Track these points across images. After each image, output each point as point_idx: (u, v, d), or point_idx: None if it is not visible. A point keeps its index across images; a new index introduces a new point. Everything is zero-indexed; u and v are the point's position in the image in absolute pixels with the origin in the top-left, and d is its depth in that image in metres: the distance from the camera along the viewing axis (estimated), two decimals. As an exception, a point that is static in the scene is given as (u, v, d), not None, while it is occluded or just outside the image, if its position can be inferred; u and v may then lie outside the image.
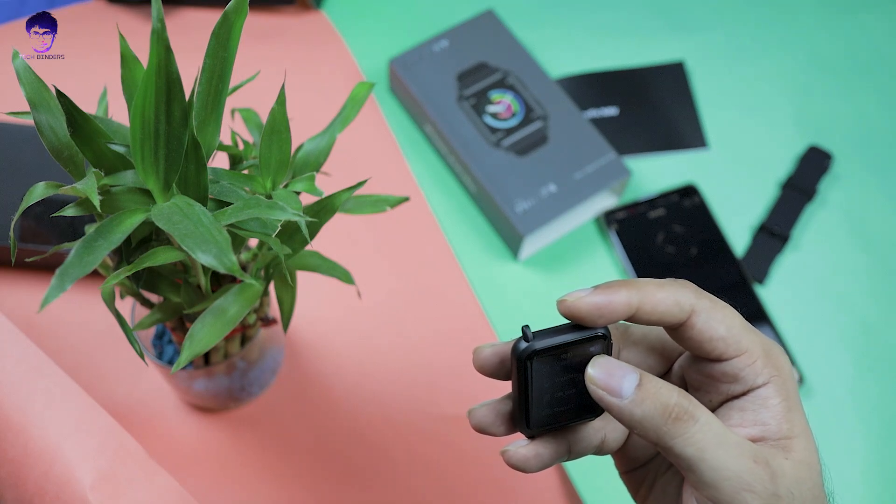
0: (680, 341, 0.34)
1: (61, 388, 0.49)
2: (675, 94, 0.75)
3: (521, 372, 0.35)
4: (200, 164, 0.37)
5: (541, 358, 0.34)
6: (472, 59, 0.72)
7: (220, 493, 0.56)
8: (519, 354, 0.35)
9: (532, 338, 0.34)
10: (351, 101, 0.47)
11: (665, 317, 0.33)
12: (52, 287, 0.33)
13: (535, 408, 0.35)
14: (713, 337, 0.33)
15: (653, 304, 0.33)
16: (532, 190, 0.66)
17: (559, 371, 0.35)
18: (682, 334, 0.34)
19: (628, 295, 0.33)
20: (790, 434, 0.34)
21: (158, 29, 0.33)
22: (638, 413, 0.32)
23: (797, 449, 0.34)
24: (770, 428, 0.33)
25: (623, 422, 0.33)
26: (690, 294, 0.33)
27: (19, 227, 0.59)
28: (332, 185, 0.50)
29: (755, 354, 0.34)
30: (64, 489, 0.45)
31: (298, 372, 0.61)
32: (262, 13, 0.77)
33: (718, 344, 0.33)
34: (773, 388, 0.34)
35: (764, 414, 0.34)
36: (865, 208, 0.71)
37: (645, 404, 0.32)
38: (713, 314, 0.33)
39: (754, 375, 0.34)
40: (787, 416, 0.34)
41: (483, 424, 0.37)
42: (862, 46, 0.79)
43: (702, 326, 0.33)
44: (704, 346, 0.34)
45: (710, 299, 0.34)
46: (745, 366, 0.34)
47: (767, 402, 0.34)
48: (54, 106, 0.38)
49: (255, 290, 0.44)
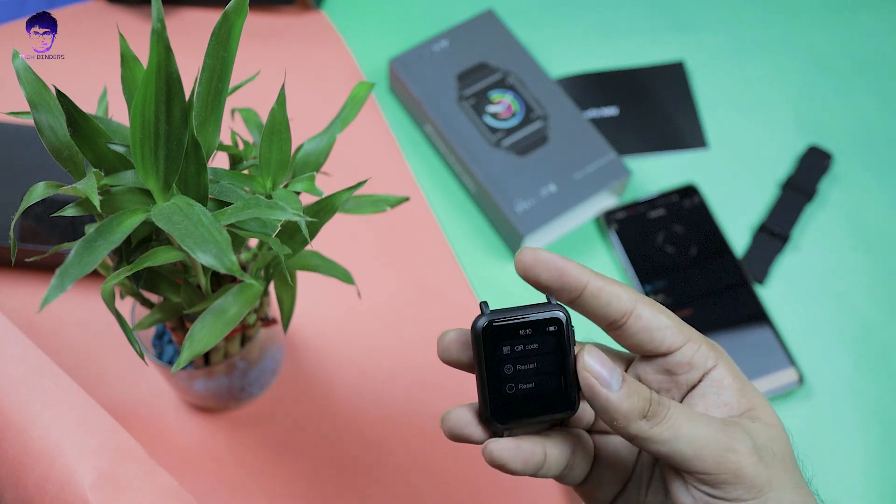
0: (628, 338, 0.36)
1: (61, 388, 0.49)
2: (675, 94, 0.75)
3: (479, 350, 0.35)
4: (200, 164, 0.37)
5: (499, 334, 0.35)
6: (472, 59, 0.72)
7: (220, 493, 0.56)
8: (475, 328, 0.35)
9: (488, 313, 0.35)
10: (351, 101, 0.47)
11: (611, 303, 0.35)
12: (52, 287, 0.33)
13: (498, 394, 0.35)
14: (660, 326, 0.35)
15: (601, 285, 0.35)
16: (532, 190, 0.66)
17: (519, 354, 0.35)
18: (631, 328, 0.36)
19: (581, 268, 0.35)
20: (751, 406, 0.36)
21: (158, 29, 0.33)
22: (625, 406, 0.33)
23: (763, 415, 0.36)
24: (732, 406, 0.36)
25: (607, 412, 0.34)
26: (632, 291, 0.36)
27: (19, 227, 0.59)
28: (332, 185, 0.50)
29: (698, 340, 0.36)
30: (64, 489, 0.45)
31: (298, 372, 0.61)
32: (262, 13, 0.77)
33: (667, 333, 0.35)
34: (723, 368, 0.36)
35: (723, 395, 0.36)
36: (865, 208, 0.71)
37: (631, 398, 0.34)
38: (654, 306, 0.36)
39: (704, 358, 0.36)
40: (743, 392, 0.36)
41: (458, 427, 0.37)
42: (862, 46, 0.79)
43: (648, 315, 0.35)
44: (654, 336, 0.35)
45: (649, 299, 0.36)
46: (693, 352, 0.36)
47: (723, 382, 0.36)
48: (54, 106, 0.38)
49: (255, 290, 0.44)
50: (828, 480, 0.59)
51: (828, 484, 0.59)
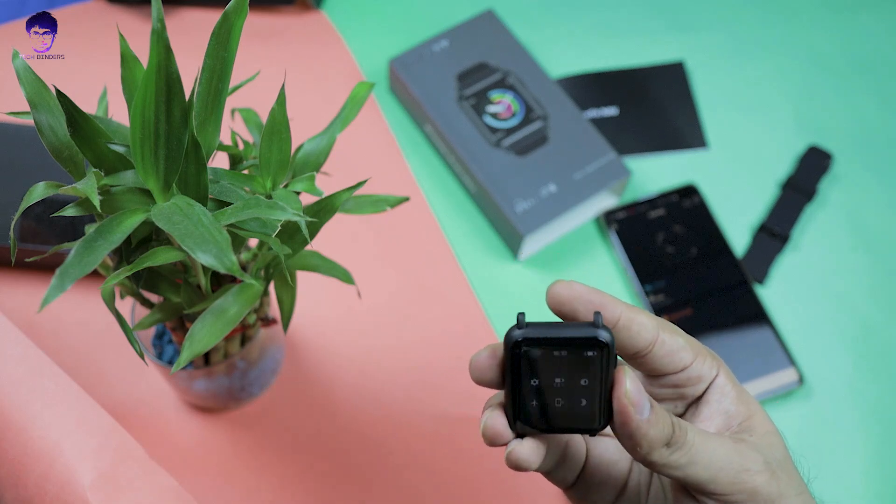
0: (649, 363, 0.36)
1: (61, 388, 0.49)
2: (675, 94, 0.75)
3: (513, 361, 0.34)
4: (200, 164, 0.37)
5: (533, 348, 0.33)
6: (472, 59, 0.72)
7: (220, 493, 0.56)
8: (510, 340, 0.33)
9: (525, 326, 0.33)
10: (351, 101, 0.47)
11: (641, 332, 0.35)
12: (52, 287, 0.33)
13: (526, 404, 0.34)
14: (678, 348, 0.35)
15: (632, 315, 0.35)
16: (532, 190, 0.66)
17: (553, 371, 0.34)
18: (655, 353, 0.35)
19: (615, 301, 0.35)
20: (748, 413, 0.36)
21: (158, 29, 0.33)
22: (652, 433, 0.33)
23: (758, 424, 0.36)
24: (731, 413, 0.36)
25: (634, 439, 0.33)
26: (652, 315, 0.36)
27: (19, 227, 0.59)
28: (332, 185, 0.50)
29: (703, 353, 0.36)
30: (64, 489, 0.45)
31: (298, 372, 0.61)
32: (262, 13, 0.77)
33: (682, 354, 0.36)
34: (723, 376, 0.36)
35: (724, 402, 0.36)
36: (865, 208, 0.71)
37: (658, 425, 0.33)
38: (672, 329, 0.36)
39: (709, 370, 0.36)
40: (741, 398, 0.36)
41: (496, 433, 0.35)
42: (862, 46, 0.79)
43: (670, 341, 0.35)
44: (674, 359, 0.36)
45: (662, 319, 0.36)
46: (701, 365, 0.36)
47: (724, 390, 0.36)
48: (54, 106, 0.38)
49: (255, 290, 0.44)
50: (828, 480, 0.59)
51: (828, 484, 0.59)
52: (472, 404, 0.60)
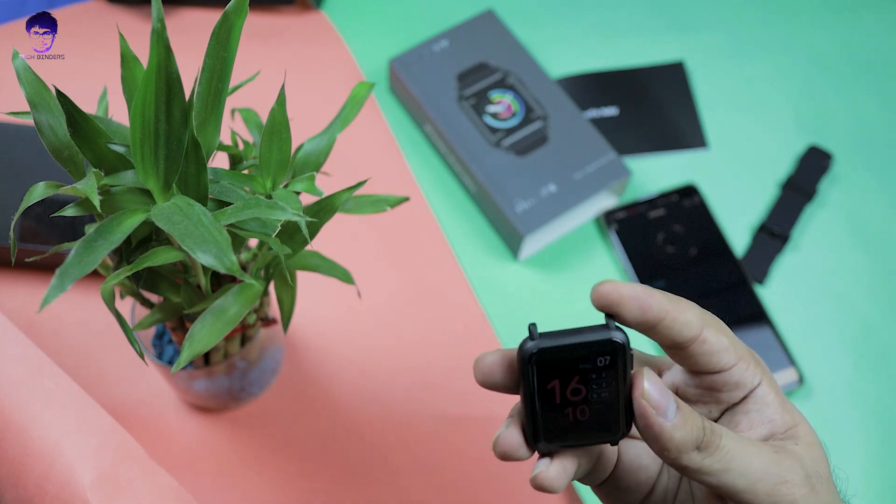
0: (687, 358, 0.35)
1: (61, 388, 0.49)
2: (675, 94, 0.75)
3: (528, 375, 0.33)
4: (200, 164, 0.37)
5: (548, 359, 0.32)
6: (472, 59, 0.72)
7: (220, 493, 0.56)
8: (524, 353, 0.33)
9: (538, 336, 0.33)
10: (351, 101, 0.47)
11: (683, 330, 0.34)
12: (51, 287, 0.33)
13: (545, 419, 0.33)
14: (720, 349, 0.34)
15: (676, 314, 0.34)
16: (532, 190, 0.66)
17: (571, 380, 0.33)
18: (694, 350, 0.34)
19: (662, 299, 0.34)
20: (794, 423, 0.35)
21: (158, 29, 0.33)
22: (678, 436, 0.32)
23: (803, 434, 0.35)
24: (776, 423, 0.35)
25: (659, 442, 0.32)
26: (699, 310, 0.34)
27: (19, 227, 0.59)
28: (332, 185, 0.50)
29: (748, 358, 0.35)
30: (64, 489, 0.45)
31: (298, 372, 0.61)
32: (262, 13, 0.77)
33: (724, 355, 0.34)
34: (766, 385, 0.35)
35: (767, 412, 0.35)
36: (865, 208, 0.71)
37: (686, 428, 0.32)
38: (718, 327, 0.34)
39: (751, 377, 0.35)
40: (785, 408, 0.35)
41: (510, 451, 0.34)
42: (862, 46, 0.79)
43: (713, 340, 0.34)
44: (713, 359, 0.34)
45: (710, 315, 0.35)
46: (742, 371, 0.35)
47: (766, 399, 0.35)
48: (54, 106, 0.38)
49: (255, 290, 0.44)
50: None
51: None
52: (472, 404, 0.60)
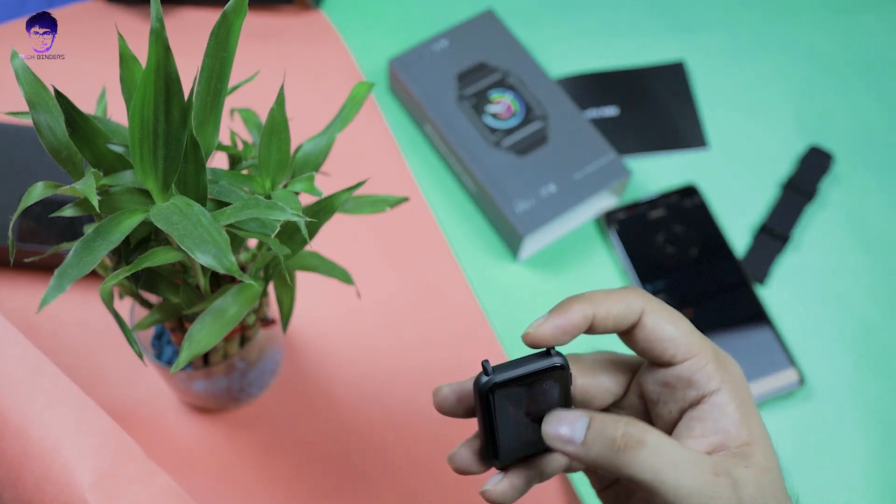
0: (634, 345, 0.36)
1: (61, 388, 0.49)
2: (675, 94, 0.75)
3: (485, 406, 0.36)
4: (199, 164, 0.37)
5: (502, 390, 0.36)
6: (472, 59, 0.72)
7: (219, 493, 0.56)
8: (481, 388, 0.36)
9: (492, 371, 0.36)
10: (350, 101, 0.47)
11: (619, 320, 0.35)
12: (50, 287, 0.33)
13: (502, 440, 0.37)
14: (663, 337, 0.35)
15: (605, 310, 0.35)
16: (532, 190, 0.66)
17: (522, 402, 0.37)
18: (635, 336, 0.36)
19: (581, 307, 0.35)
20: (749, 440, 0.34)
21: (157, 29, 0.33)
22: (592, 454, 0.34)
23: (756, 455, 0.34)
24: (730, 435, 0.34)
25: (583, 464, 0.35)
26: (639, 297, 0.35)
27: (18, 228, 0.59)
28: (331, 186, 0.49)
29: (705, 358, 0.35)
30: (63, 489, 0.45)
31: (298, 372, 0.61)
32: (262, 13, 0.77)
33: (669, 345, 0.35)
34: (727, 394, 0.35)
35: (723, 421, 0.34)
36: (866, 208, 0.71)
37: (595, 444, 0.34)
38: (662, 315, 0.35)
39: (707, 379, 0.35)
40: (744, 423, 0.34)
41: (464, 465, 0.38)
42: (862, 46, 0.79)
43: (652, 326, 0.35)
44: (657, 348, 0.35)
45: (658, 303, 0.36)
46: (696, 369, 0.35)
47: (724, 409, 0.35)
48: (53, 106, 0.38)
49: (254, 291, 0.43)
50: (828, 480, 0.59)
51: (828, 484, 0.59)
52: (472, 405, 0.60)
